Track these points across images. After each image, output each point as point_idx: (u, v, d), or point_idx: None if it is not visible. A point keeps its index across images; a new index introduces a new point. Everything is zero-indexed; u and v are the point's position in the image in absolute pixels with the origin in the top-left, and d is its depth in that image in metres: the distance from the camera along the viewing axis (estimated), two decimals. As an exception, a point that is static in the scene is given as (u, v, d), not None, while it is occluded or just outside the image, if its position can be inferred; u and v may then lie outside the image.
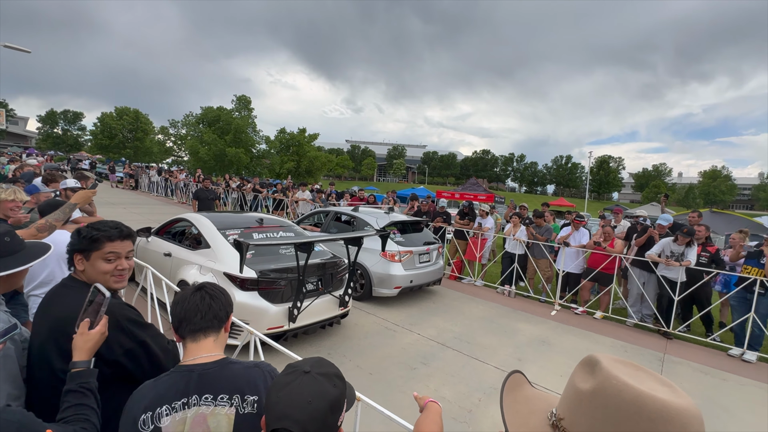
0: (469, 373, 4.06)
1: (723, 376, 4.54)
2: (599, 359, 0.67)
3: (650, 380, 0.63)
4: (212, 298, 1.24)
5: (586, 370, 0.68)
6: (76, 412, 1.15)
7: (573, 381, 0.69)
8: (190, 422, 1.11)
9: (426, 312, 5.88)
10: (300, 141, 29.64)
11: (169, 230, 5.38)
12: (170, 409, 1.11)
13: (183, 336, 1.21)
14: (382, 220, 6.41)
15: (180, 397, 1.12)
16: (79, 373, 1.21)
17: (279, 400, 0.90)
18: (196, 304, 1.21)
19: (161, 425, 1.09)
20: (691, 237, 5.46)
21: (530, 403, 0.80)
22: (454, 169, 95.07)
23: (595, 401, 0.62)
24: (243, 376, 1.18)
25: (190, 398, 1.13)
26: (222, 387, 1.15)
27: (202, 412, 1.13)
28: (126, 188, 22.95)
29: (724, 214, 14.19)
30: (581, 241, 6.67)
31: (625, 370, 0.64)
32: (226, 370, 1.18)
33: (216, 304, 1.23)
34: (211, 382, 1.15)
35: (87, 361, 1.25)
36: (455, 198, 21.68)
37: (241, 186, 15.01)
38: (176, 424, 1.10)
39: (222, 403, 1.13)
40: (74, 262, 1.45)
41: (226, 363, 1.19)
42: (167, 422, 1.09)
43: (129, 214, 12.38)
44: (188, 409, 1.12)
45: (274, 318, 3.91)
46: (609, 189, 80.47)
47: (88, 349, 1.25)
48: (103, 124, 42.95)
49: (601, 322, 6.12)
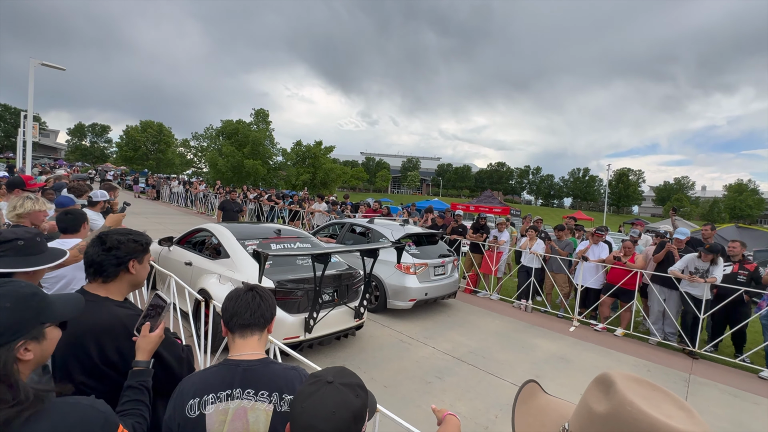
0: (485, 389, 3.99)
1: (754, 399, 4.33)
2: (614, 379, 0.65)
3: (667, 404, 0.61)
4: (262, 298, 1.35)
5: (601, 390, 0.66)
6: (133, 406, 1.26)
7: (586, 400, 0.67)
8: (232, 414, 1.19)
9: (441, 325, 5.82)
10: (316, 153, 30.08)
11: (190, 240, 5.52)
12: (216, 399, 1.20)
13: (232, 330, 1.31)
14: (398, 232, 6.44)
15: (226, 388, 1.22)
16: (140, 371, 1.33)
17: (303, 410, 0.91)
18: (247, 302, 1.32)
19: (206, 412, 1.18)
20: (715, 254, 5.26)
21: (543, 414, 0.79)
22: (469, 182, 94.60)
23: (608, 426, 0.61)
24: (283, 376, 1.27)
25: (234, 390, 1.21)
26: (263, 384, 1.23)
27: (244, 405, 1.20)
28: (148, 199, 23.68)
29: (751, 230, 13.67)
30: (600, 256, 6.53)
31: (641, 392, 0.62)
32: (268, 369, 1.27)
33: (264, 304, 1.35)
34: (254, 378, 1.24)
35: (147, 361, 1.36)
36: (470, 210, 21.52)
37: (258, 197, 15.30)
38: (219, 414, 1.19)
39: (262, 399, 1.21)
40: (129, 268, 1.52)
41: (268, 362, 1.29)
42: (211, 410, 1.18)
43: (151, 224, 12.75)
44: (231, 401, 1.20)
45: (290, 328, 3.95)
46: (629, 202, 78.50)
47: (149, 350, 1.37)
48: (128, 136, 44.61)
49: (623, 339, 5.93)
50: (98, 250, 1.49)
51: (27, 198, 2.82)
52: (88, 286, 1.51)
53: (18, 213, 2.71)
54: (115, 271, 1.50)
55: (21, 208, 2.73)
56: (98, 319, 1.39)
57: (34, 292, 0.99)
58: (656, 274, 5.86)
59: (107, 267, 1.48)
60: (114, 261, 1.49)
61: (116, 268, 1.50)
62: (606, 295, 6.26)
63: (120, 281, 1.53)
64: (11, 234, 1.54)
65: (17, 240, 1.53)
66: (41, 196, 3.69)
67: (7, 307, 0.91)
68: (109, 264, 1.48)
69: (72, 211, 2.76)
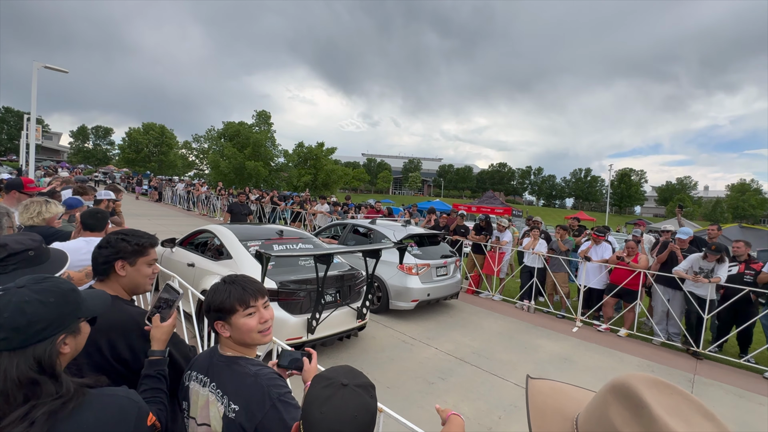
0: (488, 390, 3.98)
1: (759, 400, 4.30)
2: (644, 399, 0.59)
3: (695, 415, 0.57)
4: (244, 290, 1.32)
5: (628, 409, 0.60)
6: (154, 394, 1.29)
7: (611, 420, 0.61)
8: (203, 401, 1.21)
9: (443, 326, 5.81)
10: (318, 154, 30.15)
11: (193, 241, 5.54)
12: (196, 378, 1.26)
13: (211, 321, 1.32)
14: (399, 232, 6.43)
15: (203, 372, 1.26)
16: (157, 360, 1.36)
17: (324, 416, 0.88)
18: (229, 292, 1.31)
19: (189, 386, 1.26)
20: (720, 254, 5.24)
21: (557, 411, 0.77)
22: (470, 182, 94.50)
23: None
24: (235, 382, 1.19)
25: (206, 378, 1.24)
26: (221, 383, 1.21)
27: (209, 398, 1.21)
28: (150, 200, 23.75)
29: (754, 230, 13.60)
30: (603, 256, 6.51)
31: (668, 404, 0.58)
32: (228, 369, 1.23)
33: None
34: (216, 373, 1.23)
35: (163, 350, 1.38)
36: (472, 211, 21.51)
37: (260, 199, 15.32)
38: (194, 394, 1.25)
39: (219, 397, 1.19)
40: (115, 268, 1.49)
41: (233, 361, 1.25)
42: (193, 386, 1.26)
43: (153, 225, 12.77)
44: (203, 387, 1.23)
45: (293, 329, 3.95)
46: (631, 203, 78.25)
47: (163, 340, 1.39)
48: (130, 138, 44.81)
49: (626, 340, 5.91)
50: (95, 248, 1.51)
51: (47, 201, 2.89)
52: (96, 284, 1.53)
53: (45, 218, 2.79)
54: (104, 270, 1.50)
55: (47, 212, 2.81)
56: (110, 315, 1.38)
57: (72, 287, 1.02)
58: (660, 274, 5.83)
59: (96, 265, 1.50)
60: (101, 259, 1.49)
61: (103, 266, 1.49)
62: (609, 295, 6.24)
63: (112, 282, 1.50)
64: (19, 245, 1.52)
65: (28, 251, 1.53)
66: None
67: (51, 302, 0.94)
68: (96, 262, 1.50)
69: (100, 211, 2.85)
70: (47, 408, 0.85)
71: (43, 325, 0.91)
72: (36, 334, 0.89)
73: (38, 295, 0.92)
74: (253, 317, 1.26)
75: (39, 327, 0.90)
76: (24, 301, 0.90)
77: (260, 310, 1.29)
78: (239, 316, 1.24)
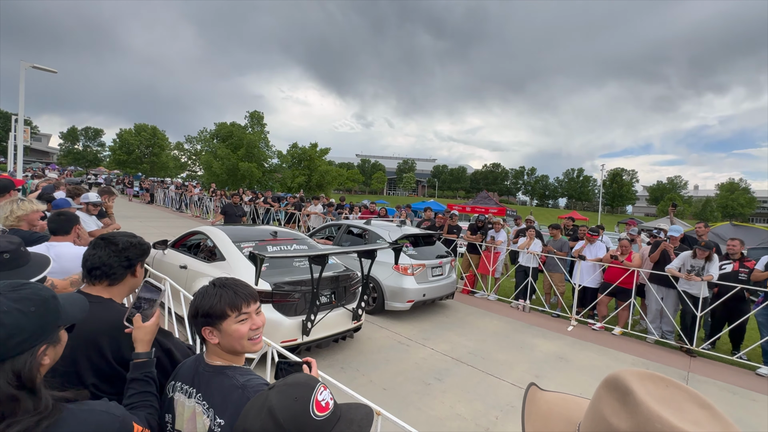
0: (485, 390, 3.97)
1: (752, 396, 4.34)
2: (631, 387, 0.59)
3: (688, 404, 0.57)
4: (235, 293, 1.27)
5: (617, 399, 0.60)
6: (142, 398, 1.24)
7: (602, 412, 0.61)
8: (189, 413, 1.16)
9: (439, 326, 5.80)
10: (311, 155, 30.07)
11: (185, 243, 5.46)
12: (180, 389, 1.20)
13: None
14: (395, 233, 6.41)
15: (188, 382, 1.20)
16: (142, 363, 1.30)
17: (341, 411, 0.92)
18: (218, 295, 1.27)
19: (174, 397, 1.21)
20: (710, 251, 5.29)
21: (552, 416, 0.77)
22: (464, 183, 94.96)
23: None
24: (222, 394, 1.13)
25: (191, 389, 1.18)
26: (208, 395, 1.15)
27: (196, 409, 1.15)
28: (142, 202, 23.48)
29: (746, 227, 13.80)
30: (597, 255, 6.55)
31: (660, 394, 0.58)
32: (215, 380, 1.16)
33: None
34: (203, 383, 1.17)
35: (148, 352, 1.32)
36: (466, 211, 21.58)
37: (253, 200, 15.21)
38: (179, 405, 1.19)
39: (205, 410, 1.13)
40: (135, 270, 1.52)
41: (220, 371, 1.18)
42: (178, 398, 1.20)
43: (145, 227, 12.62)
44: (189, 399, 1.17)
45: (288, 331, 3.90)
46: (623, 202, 79.19)
47: (147, 341, 1.33)
48: (121, 140, 44.27)
49: (621, 338, 5.94)
50: (109, 251, 1.44)
51: (20, 199, 2.78)
52: (88, 289, 1.45)
53: (18, 215, 2.66)
54: (123, 274, 1.47)
55: (20, 210, 2.68)
56: (110, 318, 1.36)
57: (53, 294, 0.95)
58: (653, 272, 5.88)
59: (117, 269, 1.44)
60: (125, 263, 1.46)
61: (125, 270, 1.47)
62: (603, 294, 6.27)
63: (124, 284, 1.50)
64: None
65: (2, 254, 1.48)
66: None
67: (32, 311, 0.87)
68: (119, 266, 1.45)
69: (64, 213, 2.68)
70: (20, 427, 0.78)
71: (24, 336, 0.84)
72: (16, 346, 0.82)
73: (17, 304, 0.85)
74: (245, 323, 1.18)
75: (19, 339, 0.83)
76: (2, 311, 0.83)
77: (252, 317, 1.21)
78: (230, 322, 1.16)
